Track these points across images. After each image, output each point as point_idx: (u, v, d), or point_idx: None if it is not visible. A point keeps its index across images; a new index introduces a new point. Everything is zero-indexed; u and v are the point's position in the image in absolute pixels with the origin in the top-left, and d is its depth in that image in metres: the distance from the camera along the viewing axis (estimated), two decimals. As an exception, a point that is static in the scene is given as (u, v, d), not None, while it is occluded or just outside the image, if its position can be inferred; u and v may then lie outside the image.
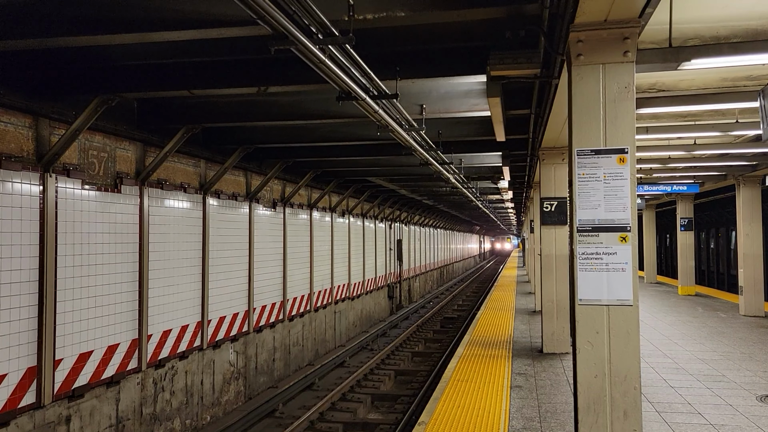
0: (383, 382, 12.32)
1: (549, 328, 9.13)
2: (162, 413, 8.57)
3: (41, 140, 6.54)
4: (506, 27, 4.46)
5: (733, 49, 4.44)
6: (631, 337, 3.65)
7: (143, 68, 6.17)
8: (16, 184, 6.19)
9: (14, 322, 6.15)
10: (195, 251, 9.46)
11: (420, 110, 7.01)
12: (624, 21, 3.63)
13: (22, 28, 4.75)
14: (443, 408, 6.25)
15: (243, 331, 11.02)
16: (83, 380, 7.07)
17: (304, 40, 3.62)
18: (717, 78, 5.92)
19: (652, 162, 11.78)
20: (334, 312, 16.28)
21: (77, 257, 6.97)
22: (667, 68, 4.61)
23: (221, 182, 10.26)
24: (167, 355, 8.71)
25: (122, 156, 7.85)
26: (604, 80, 3.74)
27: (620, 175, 3.69)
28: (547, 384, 7.28)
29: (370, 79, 5.03)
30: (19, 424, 6.18)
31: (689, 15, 4.37)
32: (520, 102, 7.05)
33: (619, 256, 3.67)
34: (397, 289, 24.11)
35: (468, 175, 14.36)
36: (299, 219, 13.99)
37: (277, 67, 5.86)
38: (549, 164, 9.00)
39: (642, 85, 6.00)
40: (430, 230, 33.90)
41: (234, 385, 10.67)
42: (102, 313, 7.38)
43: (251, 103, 7.64)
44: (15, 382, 6.15)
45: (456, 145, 10.09)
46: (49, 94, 6.48)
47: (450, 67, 5.57)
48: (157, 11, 4.42)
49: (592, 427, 3.65)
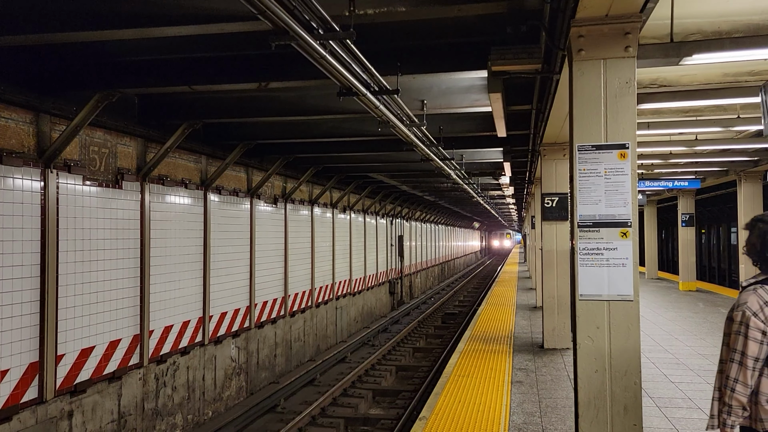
0: (384, 378, 12.34)
1: (550, 324, 9.14)
2: (164, 408, 8.59)
3: (42, 136, 6.55)
4: (507, 22, 4.46)
5: (735, 44, 4.43)
6: (632, 332, 3.66)
7: (144, 64, 6.16)
8: (17, 180, 6.20)
9: (16, 318, 6.16)
10: (196, 247, 9.47)
11: (421, 106, 7.00)
12: (625, 16, 3.63)
13: (23, 23, 4.75)
14: (444, 403, 6.26)
15: (244, 326, 11.04)
16: (85, 375, 7.09)
17: (304, 36, 3.61)
18: (719, 73, 5.91)
19: (653, 157, 11.77)
20: (335, 308, 16.30)
21: (78, 253, 6.98)
22: (669, 63, 4.60)
23: (222, 178, 10.26)
24: (169, 350, 8.73)
25: (123, 152, 7.86)
26: (605, 75, 3.74)
27: (621, 170, 3.69)
28: (547, 379, 7.29)
29: (371, 75, 5.03)
30: (22, 419, 6.20)
31: (691, 10, 4.36)
32: (521, 97, 7.03)
33: (619, 251, 3.67)
34: (399, 285, 24.14)
35: (469, 171, 14.35)
36: (300, 215, 14.00)
37: (277, 63, 5.85)
38: (550, 160, 9.00)
39: (643, 80, 5.99)
40: (431, 226, 33.90)
41: (235, 380, 10.69)
42: (103, 309, 7.39)
43: (252, 99, 7.63)
44: (17, 377, 6.17)
45: (457, 140, 10.08)
46: (50, 90, 6.48)
47: (451, 63, 5.56)
48: (158, 6, 4.42)
49: (593, 421, 3.66)
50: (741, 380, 2.60)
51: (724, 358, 2.74)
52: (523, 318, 12.51)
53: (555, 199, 8.87)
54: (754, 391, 2.64)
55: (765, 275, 2.71)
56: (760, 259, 2.74)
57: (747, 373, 2.59)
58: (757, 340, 2.57)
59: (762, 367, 2.60)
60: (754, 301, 2.61)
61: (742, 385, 2.60)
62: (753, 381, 2.60)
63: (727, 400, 2.66)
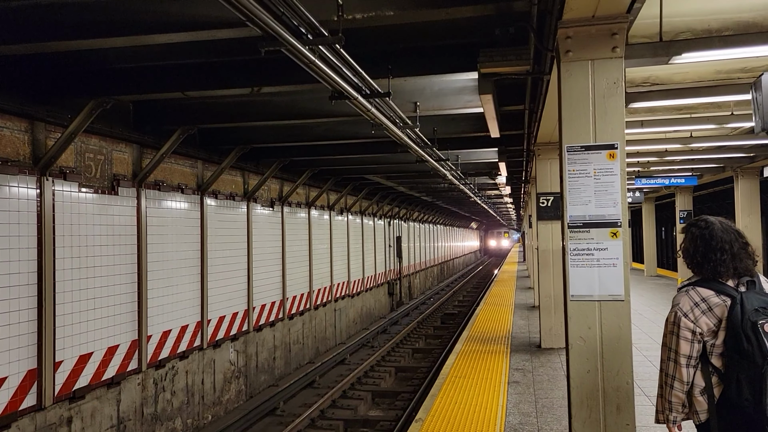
0: (384, 379, 12.35)
1: (547, 323, 9.15)
2: (163, 413, 8.60)
3: (37, 144, 6.56)
4: (496, 24, 4.47)
5: (724, 43, 4.44)
6: (623, 332, 3.67)
7: (137, 71, 6.19)
8: (13, 188, 6.22)
9: (14, 325, 6.17)
10: (193, 251, 9.48)
11: (414, 108, 7.02)
12: (612, 17, 3.65)
13: (17, 32, 4.77)
14: (440, 404, 6.28)
15: (243, 330, 11.05)
16: (84, 381, 7.10)
17: (293, 41, 3.63)
18: (711, 71, 5.92)
19: (649, 155, 11.77)
20: (334, 310, 16.31)
21: (75, 259, 6.99)
22: (658, 62, 4.61)
23: (218, 182, 10.28)
24: (167, 355, 8.74)
25: (119, 158, 7.87)
26: (593, 76, 3.75)
27: (610, 170, 3.70)
28: (544, 379, 7.30)
29: (362, 78, 5.05)
30: (20, 427, 6.21)
31: (680, 8, 4.37)
32: (514, 98, 7.05)
33: (610, 251, 3.68)
34: (397, 285, 24.14)
35: (465, 171, 14.37)
36: (297, 217, 14.01)
37: (269, 68, 5.87)
38: (545, 159, 9.01)
39: (635, 79, 6.00)
40: (429, 226, 33.91)
41: (235, 384, 10.70)
42: (101, 315, 7.40)
43: (246, 104, 7.65)
44: (15, 384, 6.19)
45: (452, 141, 10.09)
46: (45, 98, 6.50)
47: (442, 65, 5.59)
48: (148, 14, 4.45)
49: (586, 421, 3.67)
50: (677, 377, 2.74)
51: (663, 357, 2.87)
52: (521, 318, 12.52)
53: (550, 199, 8.88)
54: (691, 385, 2.77)
55: (697, 277, 2.85)
56: (692, 263, 2.88)
57: (682, 370, 2.72)
58: (688, 339, 2.71)
59: (697, 363, 2.74)
60: (685, 302, 2.75)
61: (679, 382, 2.74)
62: (688, 378, 2.73)
63: (667, 396, 2.79)
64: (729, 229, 2.84)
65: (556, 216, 8.94)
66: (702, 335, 2.71)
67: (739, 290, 2.70)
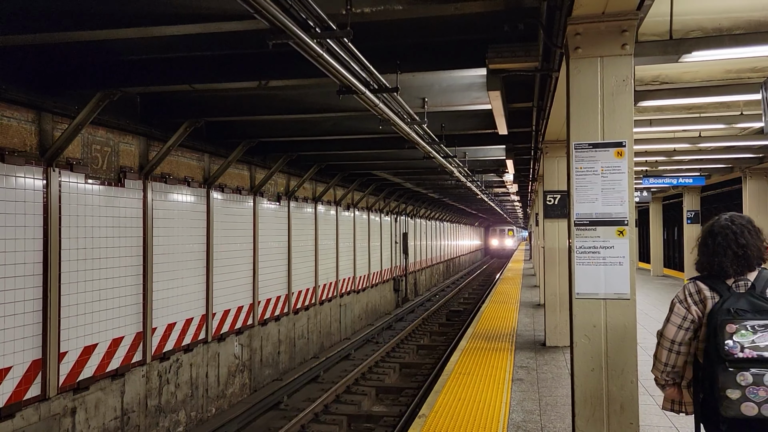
0: (388, 375, 12.35)
1: (552, 321, 9.12)
2: (167, 405, 8.64)
3: (44, 135, 6.58)
4: (505, 20, 4.44)
5: (735, 41, 4.40)
6: (629, 330, 3.65)
7: (145, 63, 6.19)
8: (20, 179, 6.24)
9: (19, 316, 6.21)
10: (199, 245, 9.50)
11: (422, 104, 7.00)
12: (622, 13, 3.61)
13: (24, 23, 4.78)
14: (444, 401, 6.27)
15: (248, 324, 11.07)
16: (88, 373, 7.13)
17: (301, 35, 3.62)
18: (721, 70, 5.88)
19: (657, 155, 11.70)
20: (339, 305, 16.32)
21: (81, 251, 7.02)
22: (668, 60, 4.58)
23: (225, 176, 10.29)
24: (172, 347, 8.77)
25: (125, 150, 7.89)
26: (602, 73, 3.72)
27: (618, 168, 3.67)
28: (548, 377, 7.28)
29: (370, 73, 5.03)
30: (25, 416, 6.25)
31: (691, 6, 4.33)
32: (522, 95, 7.02)
33: (616, 249, 3.66)
34: (403, 282, 24.13)
35: (473, 168, 14.32)
36: (304, 212, 14.02)
37: (277, 61, 5.86)
38: (552, 157, 8.97)
39: (645, 77, 5.96)
40: (436, 223, 33.87)
41: (239, 377, 10.73)
42: (106, 307, 7.43)
43: (253, 97, 7.65)
44: (20, 374, 6.22)
45: (459, 138, 10.06)
46: (52, 89, 6.51)
47: (450, 61, 5.56)
48: (157, 5, 4.45)
49: (589, 420, 3.65)
50: (658, 357, 2.95)
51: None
52: (526, 315, 12.49)
53: (557, 197, 8.84)
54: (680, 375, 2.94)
55: (700, 273, 2.99)
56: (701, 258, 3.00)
57: (663, 352, 2.91)
58: (675, 324, 2.87)
59: (686, 353, 2.88)
60: (683, 292, 2.91)
61: (659, 361, 2.94)
62: (667, 360, 2.90)
63: (652, 370, 3.01)
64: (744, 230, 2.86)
65: (562, 214, 8.90)
66: (693, 323, 2.83)
67: (733, 290, 2.76)
